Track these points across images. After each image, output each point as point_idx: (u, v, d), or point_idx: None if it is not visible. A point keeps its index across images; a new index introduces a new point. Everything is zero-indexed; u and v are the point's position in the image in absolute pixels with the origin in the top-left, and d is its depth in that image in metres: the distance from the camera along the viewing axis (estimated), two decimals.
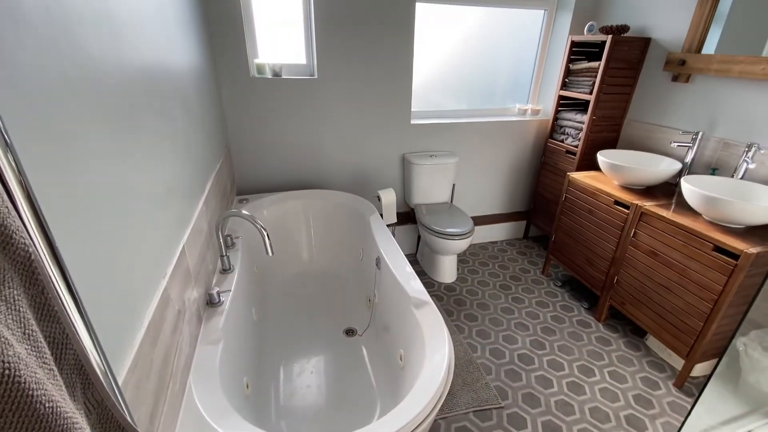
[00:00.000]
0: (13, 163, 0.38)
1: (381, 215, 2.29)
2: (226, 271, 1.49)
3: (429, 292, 2.32)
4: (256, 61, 2.08)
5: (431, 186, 2.48)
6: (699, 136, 1.88)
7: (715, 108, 1.86)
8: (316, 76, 2.14)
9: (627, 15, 2.25)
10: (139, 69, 0.90)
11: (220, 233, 1.42)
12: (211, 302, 1.28)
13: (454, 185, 2.63)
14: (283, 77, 2.10)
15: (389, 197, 2.26)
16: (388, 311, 1.59)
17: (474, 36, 2.50)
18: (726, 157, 1.83)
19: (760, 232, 1.51)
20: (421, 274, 2.52)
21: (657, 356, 1.88)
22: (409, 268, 1.55)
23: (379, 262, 1.70)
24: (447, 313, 2.15)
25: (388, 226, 2.38)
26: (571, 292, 2.35)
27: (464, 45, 2.50)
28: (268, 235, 1.35)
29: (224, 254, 1.47)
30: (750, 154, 1.67)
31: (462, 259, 2.70)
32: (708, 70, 1.83)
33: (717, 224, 1.58)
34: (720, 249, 1.48)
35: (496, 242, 2.95)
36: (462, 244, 2.21)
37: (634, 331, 2.04)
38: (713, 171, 1.85)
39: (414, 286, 1.42)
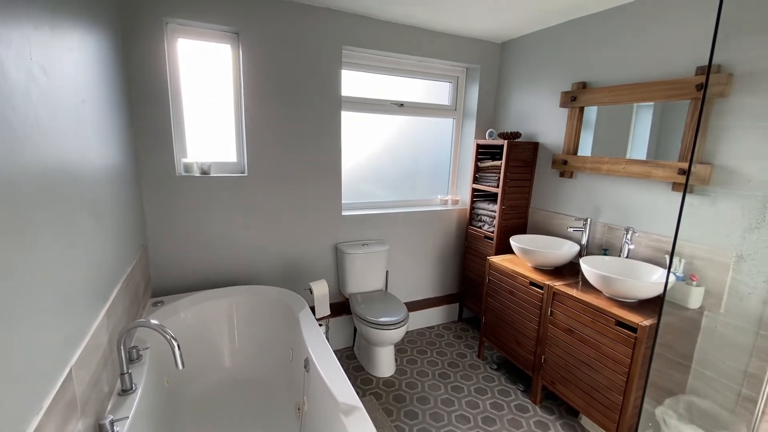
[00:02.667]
0: None
1: (314, 309, 2.22)
2: (126, 391, 1.29)
3: (367, 389, 2.18)
4: (184, 160, 2.09)
5: (365, 274, 2.50)
6: (588, 222, 2.19)
7: (597, 198, 2.21)
8: (246, 174, 2.19)
9: (518, 124, 2.71)
10: (38, 173, 0.86)
11: (122, 348, 1.26)
12: None
13: (387, 272, 2.68)
14: (212, 175, 2.12)
15: (321, 289, 2.22)
16: (317, 420, 1.46)
17: (401, 135, 2.82)
18: (612, 239, 2.13)
19: (650, 305, 1.72)
20: (359, 369, 2.40)
21: None
22: (339, 368, 1.47)
23: (307, 363, 1.60)
24: (386, 413, 2.01)
25: (322, 318, 2.30)
26: (507, 374, 2.37)
27: (394, 142, 2.81)
28: (178, 345, 1.22)
29: (125, 371, 1.28)
30: (628, 236, 1.97)
31: (400, 348, 2.64)
32: (584, 168, 2.22)
33: (615, 300, 1.77)
34: (621, 323, 1.64)
35: (432, 327, 2.96)
36: (397, 334, 2.19)
37: (568, 411, 2.06)
38: (605, 251, 2.13)
39: (343, 389, 1.34)
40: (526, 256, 2.17)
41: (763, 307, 1.57)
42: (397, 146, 2.83)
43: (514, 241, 2.26)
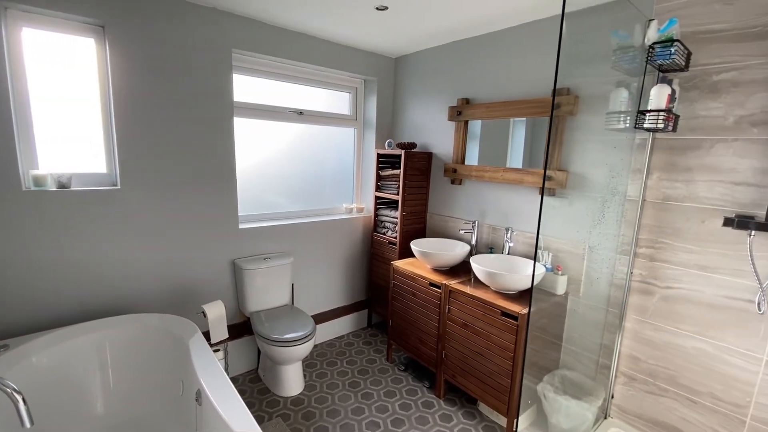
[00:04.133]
0: None
1: (209, 333, 2.03)
2: None
3: (274, 411, 2.07)
4: (34, 172, 1.74)
5: (267, 290, 2.38)
6: (476, 224, 2.41)
7: (482, 202, 2.46)
8: (118, 186, 1.92)
9: (414, 135, 2.88)
10: None
11: None
12: None
13: (293, 285, 2.59)
14: (74, 189, 1.80)
15: (217, 311, 2.04)
16: None
17: (305, 144, 2.77)
18: (496, 238, 2.38)
19: (528, 295, 1.95)
20: (264, 391, 2.25)
21: (488, 419, 2.07)
22: (236, 396, 1.36)
23: (199, 395, 1.44)
24: None
25: (219, 343, 2.11)
26: (414, 373, 2.46)
27: (297, 151, 2.74)
28: (23, 399, 1.00)
29: None
30: (508, 235, 2.22)
31: (309, 363, 2.56)
32: (471, 176, 2.45)
33: (500, 293, 1.98)
34: (505, 313, 1.83)
35: (342, 336, 2.94)
36: (304, 349, 2.11)
37: (468, 400, 2.23)
38: (491, 250, 2.37)
39: (240, 418, 1.24)
40: (425, 258, 2.30)
41: (609, 288, 1.91)
42: (301, 155, 2.77)
43: (414, 245, 2.38)
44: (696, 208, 1.59)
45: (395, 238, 2.71)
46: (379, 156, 2.82)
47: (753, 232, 1.43)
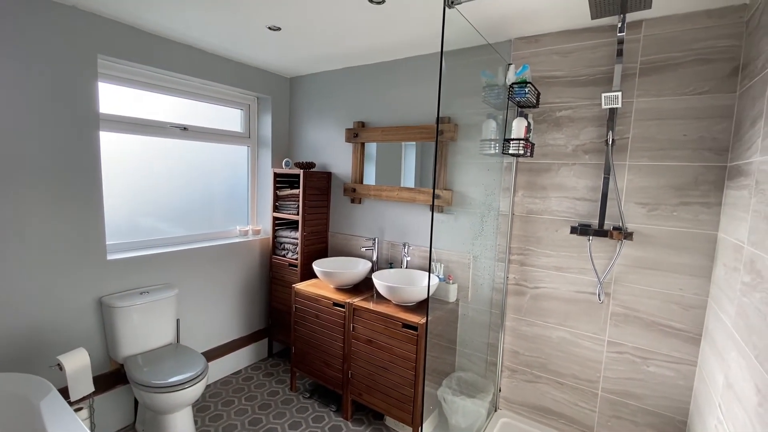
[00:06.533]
0: None
1: (67, 390, 1.67)
2: None
3: None
4: None
5: (146, 329, 2.07)
6: (376, 241, 2.50)
7: (381, 220, 2.56)
8: None
9: (312, 154, 2.87)
10: None
11: None
12: None
13: (178, 321, 2.30)
14: None
15: (77, 361, 1.69)
16: None
17: (190, 163, 2.52)
18: (395, 253, 2.50)
19: (425, 305, 2.08)
20: None
21: None
22: None
23: None
24: None
25: (82, 399, 1.75)
26: (320, 399, 2.39)
27: (182, 171, 2.49)
28: None
29: None
30: (406, 250, 2.35)
31: (201, 406, 2.28)
32: (369, 195, 2.54)
33: (401, 305, 2.07)
34: (406, 325, 1.92)
35: (240, 371, 2.70)
36: (193, 392, 1.88)
37: (375, 416, 2.24)
38: (390, 265, 2.48)
39: None
40: (328, 278, 2.28)
41: (491, 292, 2.15)
42: (187, 174, 2.52)
43: (317, 266, 2.35)
44: (551, 219, 1.92)
45: (296, 259, 2.64)
46: (277, 175, 2.74)
47: (591, 238, 1.79)
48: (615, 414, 1.82)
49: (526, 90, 1.64)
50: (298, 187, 2.60)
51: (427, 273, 2.27)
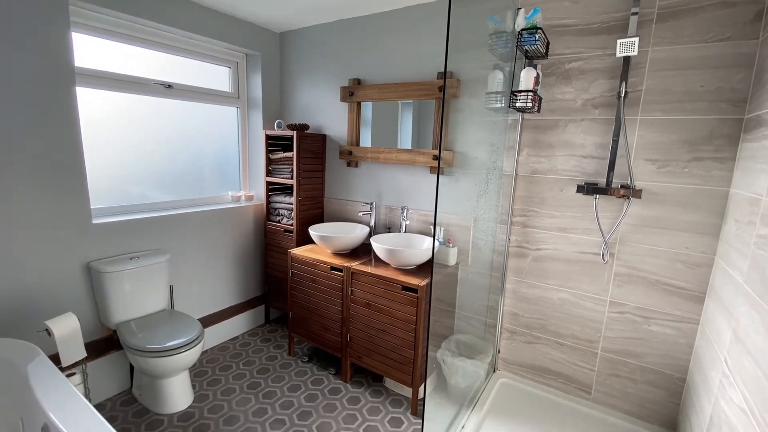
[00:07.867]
0: None
1: (58, 357, 1.62)
2: None
3: (158, 431, 1.77)
4: None
5: (138, 294, 2.01)
6: (374, 205, 2.43)
7: (378, 184, 2.48)
8: None
9: (306, 116, 2.74)
10: None
11: None
12: None
13: (171, 287, 2.24)
14: None
15: (67, 326, 1.63)
16: None
17: (178, 125, 2.39)
18: (393, 218, 2.44)
19: (425, 268, 2.04)
20: (143, 412, 1.91)
21: (394, 393, 2.13)
22: (101, 424, 1.10)
23: (47, 431, 1.13)
24: None
25: (74, 365, 1.70)
26: (318, 363, 2.38)
27: (169, 134, 2.36)
28: None
29: None
30: (404, 213, 2.29)
31: (198, 371, 2.26)
32: (366, 158, 2.44)
33: (400, 269, 2.02)
34: (406, 287, 1.88)
35: (237, 337, 2.68)
36: (190, 356, 1.85)
37: (374, 379, 2.25)
38: (389, 229, 2.42)
39: None
40: (324, 243, 2.22)
41: (492, 255, 2.11)
42: (175, 140, 2.39)
43: (313, 230, 2.28)
44: (556, 179, 1.86)
45: (291, 225, 2.56)
46: (269, 138, 2.61)
47: (597, 196, 1.73)
48: (614, 372, 1.83)
49: (537, 36, 1.52)
50: (292, 150, 2.49)
51: (428, 237, 2.21)
